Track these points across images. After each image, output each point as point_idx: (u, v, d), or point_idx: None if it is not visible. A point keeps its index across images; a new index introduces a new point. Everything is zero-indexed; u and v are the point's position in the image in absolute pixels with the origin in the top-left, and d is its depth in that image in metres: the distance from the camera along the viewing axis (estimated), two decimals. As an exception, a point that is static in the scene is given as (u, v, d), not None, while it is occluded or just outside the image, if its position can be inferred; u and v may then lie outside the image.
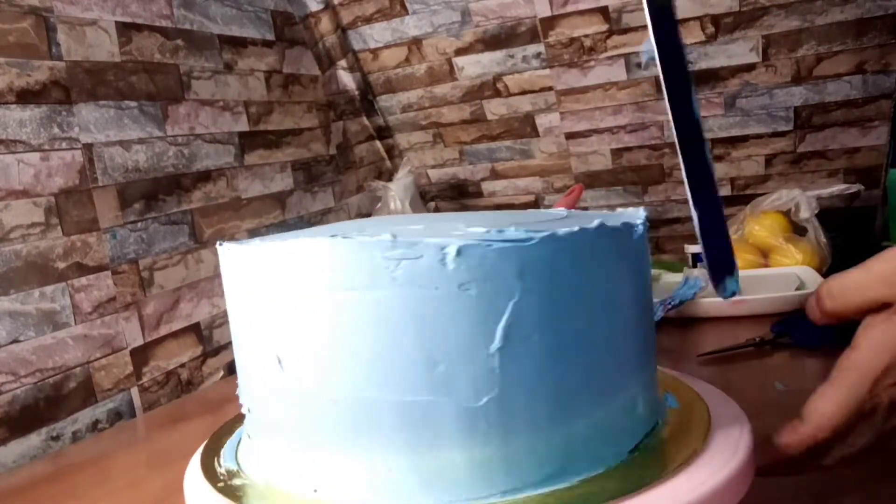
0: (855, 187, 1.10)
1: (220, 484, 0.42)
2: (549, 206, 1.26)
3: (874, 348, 0.36)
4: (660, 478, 0.37)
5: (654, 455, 0.40)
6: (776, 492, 0.45)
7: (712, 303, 0.89)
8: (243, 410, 0.44)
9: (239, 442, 0.48)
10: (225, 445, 0.48)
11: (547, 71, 1.23)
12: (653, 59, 0.41)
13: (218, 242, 0.43)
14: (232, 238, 1.00)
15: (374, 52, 1.29)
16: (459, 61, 1.26)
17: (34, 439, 0.73)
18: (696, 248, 1.11)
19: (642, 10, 0.39)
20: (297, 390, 0.39)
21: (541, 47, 1.20)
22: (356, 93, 1.33)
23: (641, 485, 0.37)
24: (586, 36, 1.16)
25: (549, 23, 1.17)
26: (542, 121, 1.30)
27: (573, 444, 0.38)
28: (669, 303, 0.87)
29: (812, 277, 0.97)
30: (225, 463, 0.45)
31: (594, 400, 0.39)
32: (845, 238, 1.12)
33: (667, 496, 0.36)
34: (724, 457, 0.39)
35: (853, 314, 0.36)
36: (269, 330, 0.39)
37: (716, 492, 0.36)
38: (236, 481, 0.42)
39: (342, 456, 0.38)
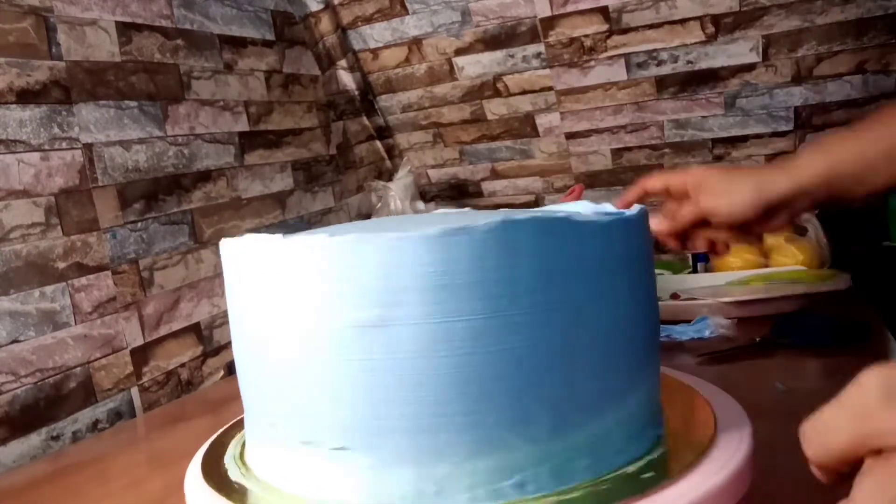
0: (855, 187, 1.09)
1: (222, 483, 0.42)
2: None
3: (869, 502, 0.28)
4: (660, 477, 0.37)
5: (658, 454, 0.40)
6: (777, 490, 0.45)
7: (713, 303, 0.89)
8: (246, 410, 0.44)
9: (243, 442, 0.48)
10: (229, 445, 0.48)
11: (547, 71, 1.23)
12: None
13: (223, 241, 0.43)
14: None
15: (374, 52, 1.29)
16: (459, 61, 1.26)
17: (34, 439, 0.73)
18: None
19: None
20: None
21: (541, 47, 1.20)
22: (356, 93, 1.32)
23: (643, 484, 0.37)
24: (586, 36, 1.16)
25: (549, 23, 1.17)
26: (542, 121, 1.30)
27: (578, 448, 0.38)
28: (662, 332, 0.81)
29: (809, 277, 0.96)
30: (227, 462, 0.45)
31: (609, 403, 0.39)
32: (845, 238, 1.12)
33: (669, 494, 0.36)
34: (725, 455, 0.39)
35: (839, 463, 0.29)
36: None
37: (718, 489, 0.36)
38: (238, 480, 0.42)
39: (339, 456, 0.38)
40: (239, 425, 0.51)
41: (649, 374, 0.43)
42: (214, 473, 0.43)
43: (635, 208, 0.43)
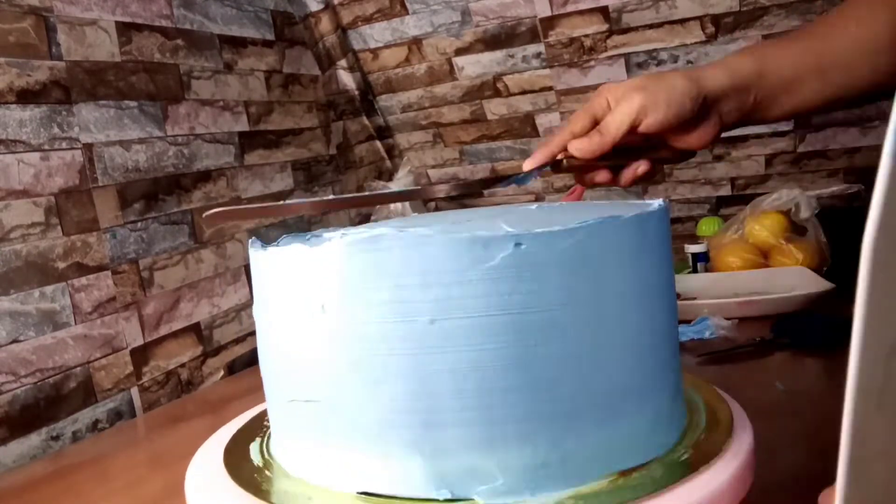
0: (855, 187, 1.10)
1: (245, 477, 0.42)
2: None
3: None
4: (661, 477, 0.37)
5: (664, 454, 0.40)
6: (777, 490, 0.45)
7: (713, 303, 0.89)
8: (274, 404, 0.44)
9: (265, 437, 0.48)
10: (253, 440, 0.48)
11: (547, 71, 1.23)
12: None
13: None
14: (233, 238, 1.00)
15: (374, 52, 1.29)
16: (459, 61, 1.26)
17: (34, 439, 0.73)
18: (696, 248, 1.11)
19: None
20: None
21: (541, 47, 1.20)
22: (356, 93, 1.32)
23: (645, 487, 0.37)
24: (586, 36, 1.16)
25: (549, 23, 1.17)
26: (542, 120, 1.30)
27: (590, 447, 0.38)
28: None
29: (809, 277, 0.96)
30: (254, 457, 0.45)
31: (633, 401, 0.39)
32: (845, 238, 1.12)
33: (668, 496, 0.36)
34: (726, 456, 0.39)
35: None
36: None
37: (718, 490, 0.36)
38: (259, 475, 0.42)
39: (375, 453, 0.38)
40: (239, 422, 0.51)
41: (670, 371, 0.43)
42: (237, 468, 0.43)
43: (656, 204, 0.42)
